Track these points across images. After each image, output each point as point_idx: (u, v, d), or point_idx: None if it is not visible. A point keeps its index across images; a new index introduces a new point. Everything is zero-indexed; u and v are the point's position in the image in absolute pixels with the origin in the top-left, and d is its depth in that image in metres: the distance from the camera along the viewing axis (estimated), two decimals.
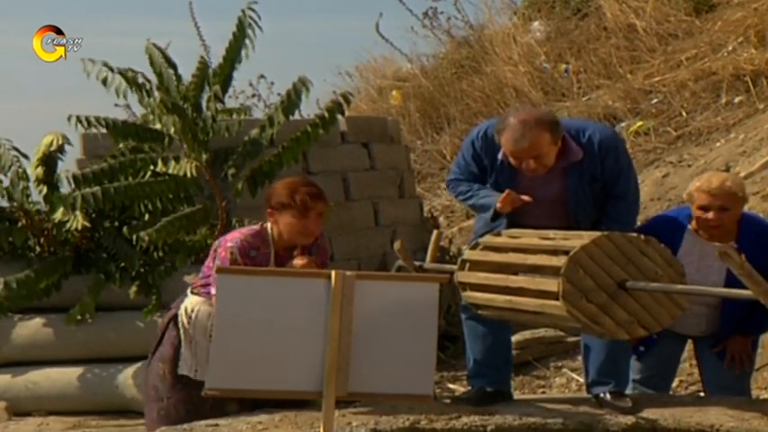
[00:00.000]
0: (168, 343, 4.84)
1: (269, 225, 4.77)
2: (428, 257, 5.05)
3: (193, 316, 4.77)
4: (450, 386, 7.76)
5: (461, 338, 8.68)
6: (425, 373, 3.61)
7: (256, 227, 4.80)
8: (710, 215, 4.89)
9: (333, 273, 3.50)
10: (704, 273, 4.88)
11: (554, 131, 4.74)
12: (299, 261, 4.58)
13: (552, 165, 4.77)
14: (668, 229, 4.97)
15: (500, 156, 4.83)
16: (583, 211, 4.86)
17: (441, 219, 11.68)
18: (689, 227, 5.03)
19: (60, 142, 7.86)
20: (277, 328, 3.49)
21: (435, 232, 5.16)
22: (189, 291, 4.89)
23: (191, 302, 4.81)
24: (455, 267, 4.62)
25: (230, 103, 9.40)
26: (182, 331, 4.80)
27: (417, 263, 5.03)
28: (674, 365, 5.38)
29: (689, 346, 5.42)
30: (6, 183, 7.92)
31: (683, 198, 5.28)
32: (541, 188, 4.83)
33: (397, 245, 5.09)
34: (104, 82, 7.65)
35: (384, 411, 4.27)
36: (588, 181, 4.82)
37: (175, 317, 4.87)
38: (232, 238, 4.73)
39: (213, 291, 4.58)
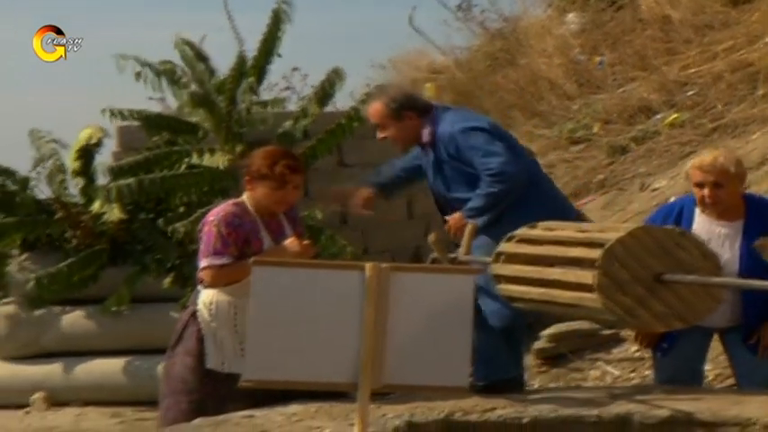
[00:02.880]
0: (193, 337, 4.82)
1: (245, 196, 4.81)
2: (462, 250, 5.04)
3: (214, 309, 4.76)
4: None
5: None
6: (461, 365, 3.61)
7: (233, 200, 4.85)
8: (705, 191, 4.95)
9: (368, 265, 3.51)
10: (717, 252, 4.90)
11: (389, 105, 5.33)
12: (294, 245, 4.65)
13: (404, 140, 5.39)
14: (677, 215, 5.05)
15: None
16: (453, 191, 5.33)
17: None
18: (696, 210, 5.07)
19: (100, 135, 7.92)
20: (312, 319, 3.50)
21: (470, 225, 5.16)
22: (199, 286, 4.88)
23: (207, 296, 4.78)
24: (490, 260, 4.61)
25: (264, 95, 9.42)
26: (203, 326, 4.79)
27: (451, 255, 5.03)
28: (699, 361, 5.32)
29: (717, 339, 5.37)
30: (45, 174, 8.01)
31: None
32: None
33: (431, 237, 5.10)
34: (137, 76, 7.71)
35: (419, 404, 4.28)
36: (443, 161, 5.28)
37: (195, 313, 4.86)
38: (214, 214, 4.77)
39: (202, 264, 4.70)
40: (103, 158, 8.30)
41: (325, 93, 7.86)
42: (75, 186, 8.02)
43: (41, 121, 10.01)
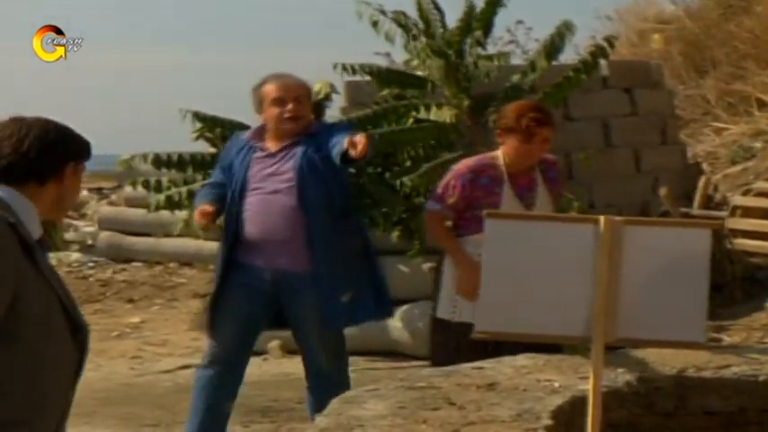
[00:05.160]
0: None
1: (500, 150, 4.87)
2: (696, 204, 4.95)
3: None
4: (715, 335, 7.58)
5: (727, 288, 8.50)
6: (697, 320, 3.55)
7: (488, 153, 4.95)
8: None
9: (601, 218, 3.49)
10: None
11: (309, 90, 5.32)
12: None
13: (306, 123, 5.15)
14: None
15: (245, 137, 5.26)
16: (310, 192, 4.99)
17: (704, 165, 11.33)
18: None
19: (328, 90, 8.10)
20: (544, 272, 3.51)
21: (703, 178, 5.06)
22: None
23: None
24: (724, 214, 4.50)
25: (489, 49, 9.39)
26: (443, 274, 4.89)
27: (684, 209, 4.94)
28: None
29: None
30: None
31: None
32: (275, 166, 5.08)
33: (663, 191, 5.02)
34: (375, 25, 7.82)
35: (650, 359, 4.22)
36: (316, 151, 5.01)
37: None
38: (460, 163, 4.95)
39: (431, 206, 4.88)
40: (332, 113, 8.49)
41: (554, 46, 7.76)
42: None
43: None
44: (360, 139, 4.78)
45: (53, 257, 11.86)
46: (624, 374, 4.04)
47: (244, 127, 8.34)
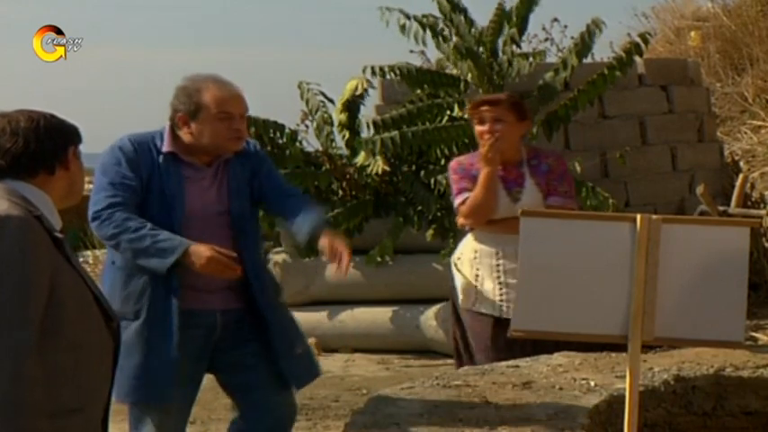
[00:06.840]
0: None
1: None
2: (733, 202, 4.91)
3: (478, 255, 4.82)
4: (753, 334, 7.52)
5: (764, 287, 8.42)
6: (736, 319, 3.51)
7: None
8: None
9: (638, 216, 3.46)
10: None
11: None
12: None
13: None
14: None
15: (165, 148, 4.06)
16: (245, 222, 4.14)
17: (741, 163, 11.25)
18: None
19: (364, 86, 8.11)
20: (581, 270, 3.49)
21: (741, 176, 5.03)
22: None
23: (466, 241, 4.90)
24: (762, 212, 4.47)
25: (524, 47, 9.36)
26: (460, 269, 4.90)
27: (721, 208, 4.90)
28: None
29: None
30: (312, 127, 8.29)
31: None
32: (207, 184, 4.11)
33: (700, 189, 4.99)
34: (402, 29, 7.83)
35: (687, 358, 4.20)
36: (248, 176, 4.17)
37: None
38: (450, 166, 4.93)
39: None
40: (367, 111, 8.51)
41: (584, 44, 7.74)
42: (341, 139, 8.27)
43: (304, 76, 10.36)
44: (343, 248, 4.19)
45: (89, 255, 11.93)
46: (660, 373, 4.02)
47: (278, 127, 8.35)
